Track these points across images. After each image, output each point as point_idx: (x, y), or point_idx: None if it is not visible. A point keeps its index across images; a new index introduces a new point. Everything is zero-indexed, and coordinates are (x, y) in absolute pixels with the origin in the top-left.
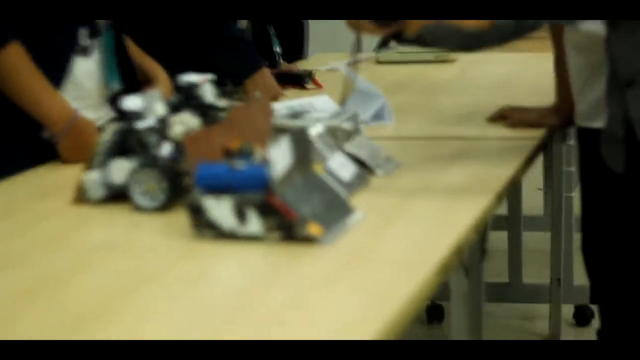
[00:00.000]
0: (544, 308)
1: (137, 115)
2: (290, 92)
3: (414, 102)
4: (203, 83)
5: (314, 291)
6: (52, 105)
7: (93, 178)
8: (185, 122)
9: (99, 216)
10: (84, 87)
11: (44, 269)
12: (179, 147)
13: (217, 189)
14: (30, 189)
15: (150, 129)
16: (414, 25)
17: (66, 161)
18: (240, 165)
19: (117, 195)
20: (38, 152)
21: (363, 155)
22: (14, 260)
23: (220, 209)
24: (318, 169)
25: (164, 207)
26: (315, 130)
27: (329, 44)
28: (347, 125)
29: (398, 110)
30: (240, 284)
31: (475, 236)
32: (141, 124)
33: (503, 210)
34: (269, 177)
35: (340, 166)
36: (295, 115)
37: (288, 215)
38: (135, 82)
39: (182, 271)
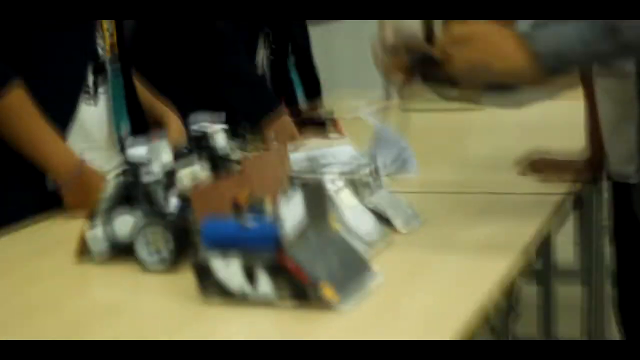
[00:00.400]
0: None
1: (142, 166)
2: (310, 138)
3: (440, 149)
4: (216, 131)
5: None
6: (57, 154)
7: (96, 233)
8: (194, 174)
9: (101, 275)
10: (91, 130)
11: (36, 333)
12: (187, 201)
13: (225, 247)
14: (31, 244)
15: (157, 181)
16: (456, 67)
17: (71, 210)
18: (249, 222)
19: (122, 251)
20: (43, 200)
21: (384, 208)
22: (3, 323)
23: (228, 269)
24: (335, 224)
25: (171, 264)
26: (333, 182)
27: (349, 81)
28: (368, 177)
29: (423, 158)
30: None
31: (501, 295)
32: (147, 176)
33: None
34: (280, 235)
35: (360, 220)
36: (313, 164)
37: (300, 278)
38: (144, 124)
39: (187, 338)
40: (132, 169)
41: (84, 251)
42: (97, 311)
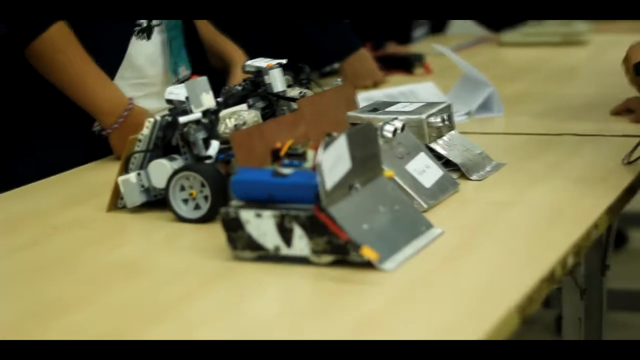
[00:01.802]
0: None
1: (181, 105)
2: (395, 77)
3: (533, 90)
4: (272, 67)
5: (367, 328)
6: (103, 94)
7: (129, 179)
8: (240, 114)
9: (131, 225)
10: (143, 67)
11: (51, 289)
12: (229, 147)
13: (257, 199)
14: (65, 193)
15: (196, 123)
16: None
17: (119, 155)
18: (286, 171)
19: (157, 199)
20: (89, 145)
21: (453, 156)
22: (27, 275)
23: (259, 223)
24: (388, 174)
25: (207, 213)
26: (392, 126)
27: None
28: (437, 119)
29: (512, 100)
30: (281, 315)
31: (577, 258)
32: (185, 119)
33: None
34: (319, 187)
35: (423, 170)
36: (379, 105)
37: (338, 235)
38: (206, 63)
39: (216, 297)
40: (170, 110)
41: (116, 199)
42: (117, 266)
